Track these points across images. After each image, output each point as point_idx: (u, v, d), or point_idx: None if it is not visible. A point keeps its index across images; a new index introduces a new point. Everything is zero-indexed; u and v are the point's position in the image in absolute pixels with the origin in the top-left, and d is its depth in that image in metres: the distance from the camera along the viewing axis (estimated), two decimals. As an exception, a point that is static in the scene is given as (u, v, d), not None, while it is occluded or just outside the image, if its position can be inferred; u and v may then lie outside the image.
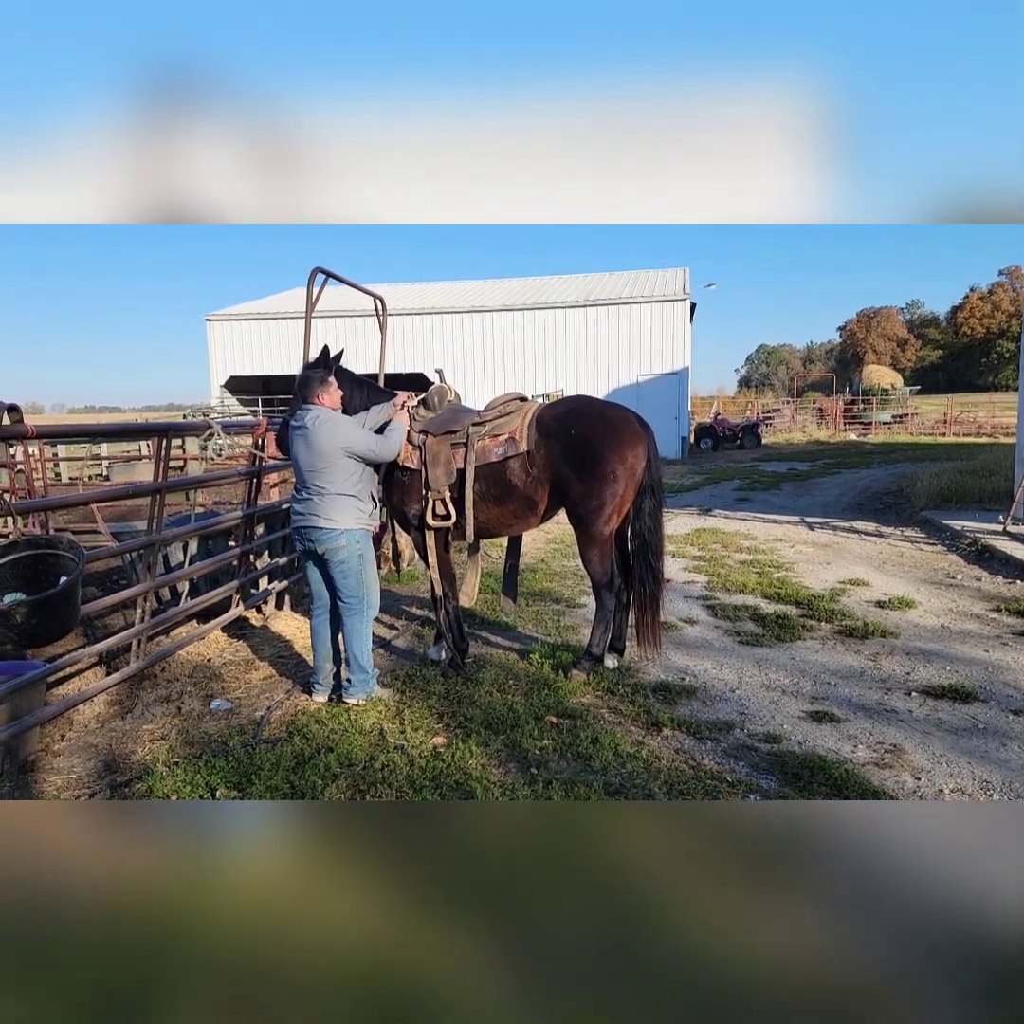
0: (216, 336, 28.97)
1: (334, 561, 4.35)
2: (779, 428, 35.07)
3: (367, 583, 4.47)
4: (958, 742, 3.97)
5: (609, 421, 4.65)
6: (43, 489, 9.95)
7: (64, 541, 3.45)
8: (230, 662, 5.37)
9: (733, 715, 4.33)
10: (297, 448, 4.33)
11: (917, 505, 11.59)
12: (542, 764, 3.74)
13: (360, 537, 4.39)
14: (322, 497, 4.28)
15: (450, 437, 4.77)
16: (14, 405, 3.31)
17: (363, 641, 4.48)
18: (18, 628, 3.13)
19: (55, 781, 3.73)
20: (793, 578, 7.57)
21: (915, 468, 16.39)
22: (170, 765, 3.79)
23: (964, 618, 6.16)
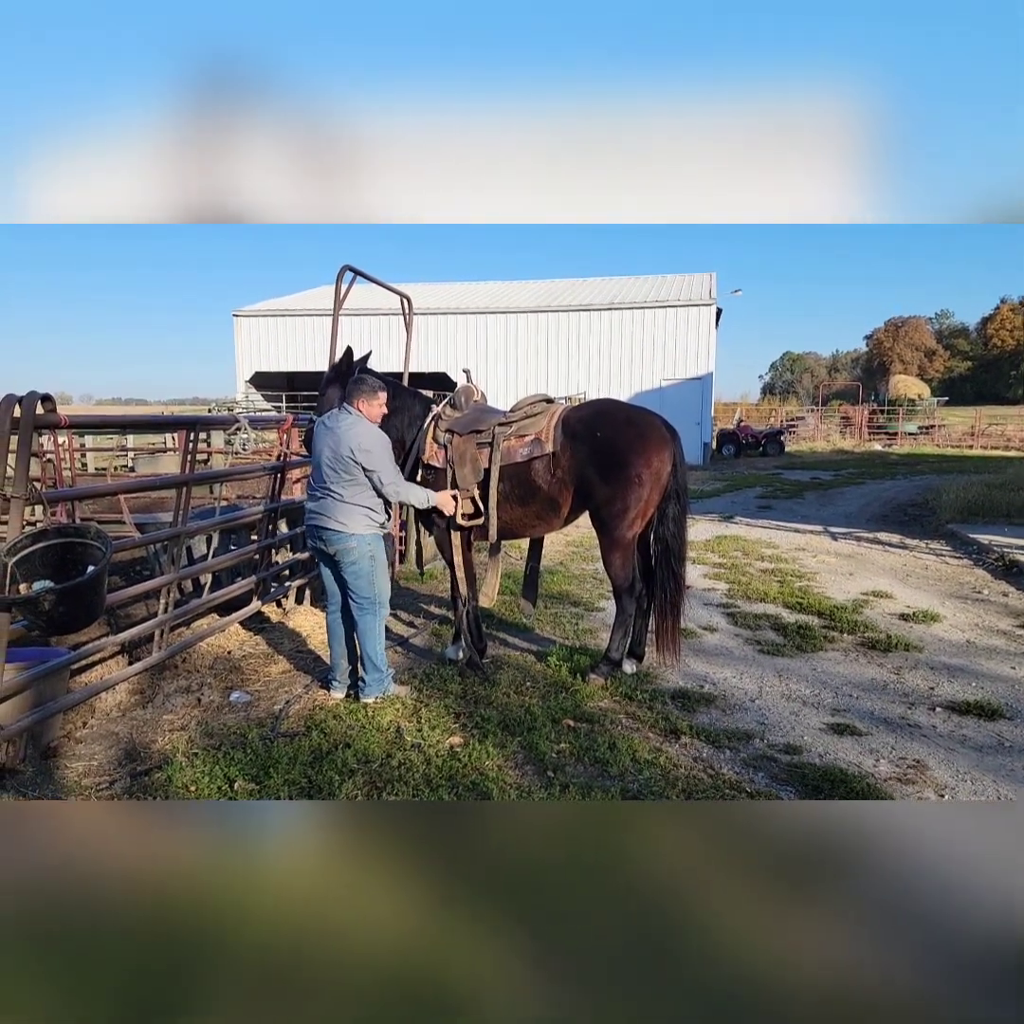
0: (243, 331, 29.20)
1: (345, 562, 4.35)
2: (803, 436, 34.78)
3: (378, 584, 4.46)
4: (983, 759, 3.91)
5: (636, 424, 4.63)
6: (71, 479, 10.07)
7: (92, 530, 3.48)
8: (250, 655, 5.40)
9: (753, 725, 4.29)
10: (321, 446, 4.33)
11: (943, 518, 11.44)
12: (559, 768, 3.72)
13: (371, 539, 4.38)
14: (335, 500, 4.29)
15: (476, 436, 4.77)
16: (48, 395, 3.35)
17: (376, 640, 4.47)
18: (45, 615, 3.17)
19: (76, 768, 3.77)
20: (815, 588, 7.50)
21: (941, 480, 16.17)
22: (189, 756, 3.81)
23: (990, 634, 6.06)
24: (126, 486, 4.83)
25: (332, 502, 4.30)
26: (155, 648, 4.67)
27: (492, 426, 4.75)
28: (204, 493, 9.10)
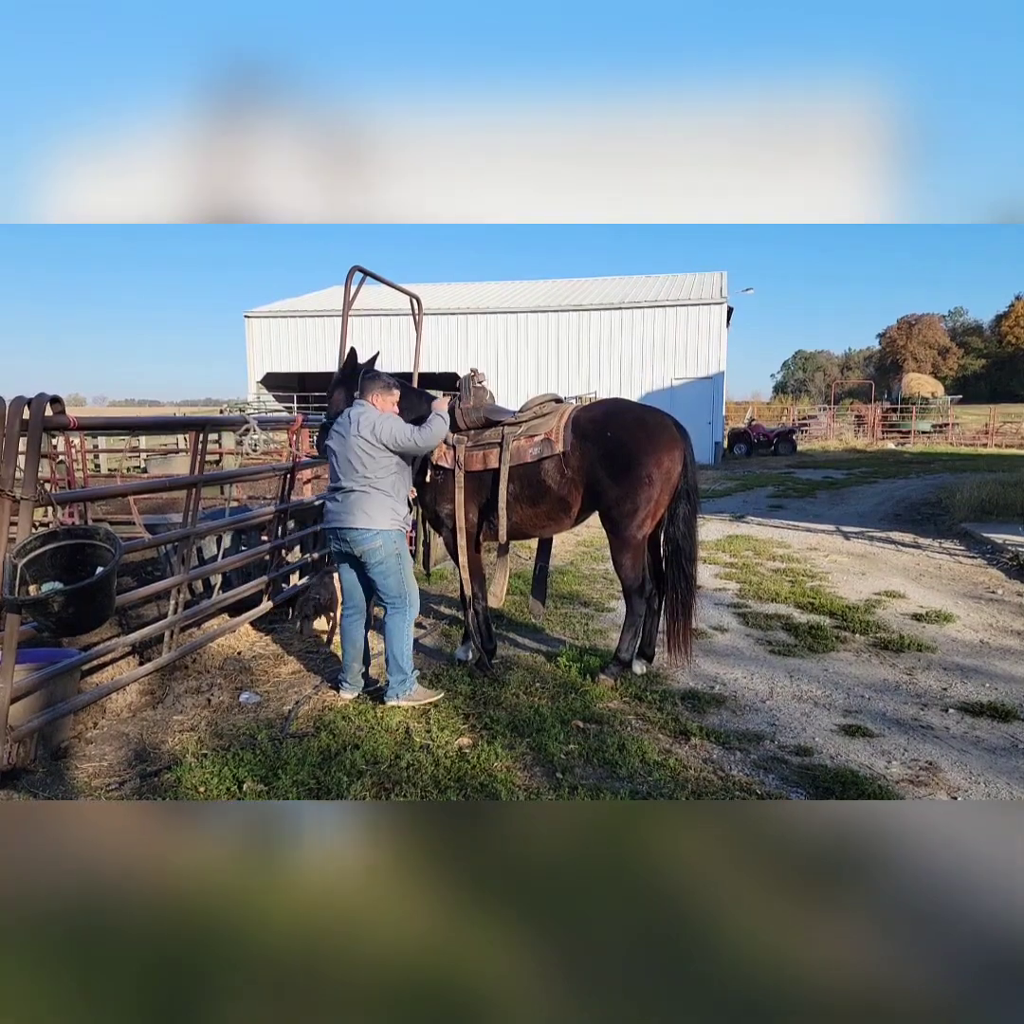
0: (254, 333, 29.35)
1: (372, 563, 4.33)
2: (815, 435, 34.59)
3: (407, 581, 4.44)
4: (996, 761, 3.86)
5: (646, 424, 4.61)
6: (83, 480, 10.14)
7: (102, 532, 3.49)
8: (260, 656, 5.41)
9: (763, 726, 4.26)
10: (335, 442, 4.34)
11: (956, 517, 11.35)
12: (567, 769, 3.71)
13: (396, 537, 4.36)
14: (358, 494, 4.27)
15: (485, 436, 4.77)
16: (57, 397, 3.36)
17: (404, 641, 4.43)
18: (55, 617, 3.18)
19: (87, 768, 3.78)
20: (827, 588, 7.45)
21: (954, 479, 16.04)
22: (199, 756, 3.82)
23: (1004, 634, 6.00)
24: (135, 487, 4.85)
25: (355, 496, 4.27)
26: (165, 649, 4.68)
27: (502, 426, 4.74)
28: (215, 494, 9.14)
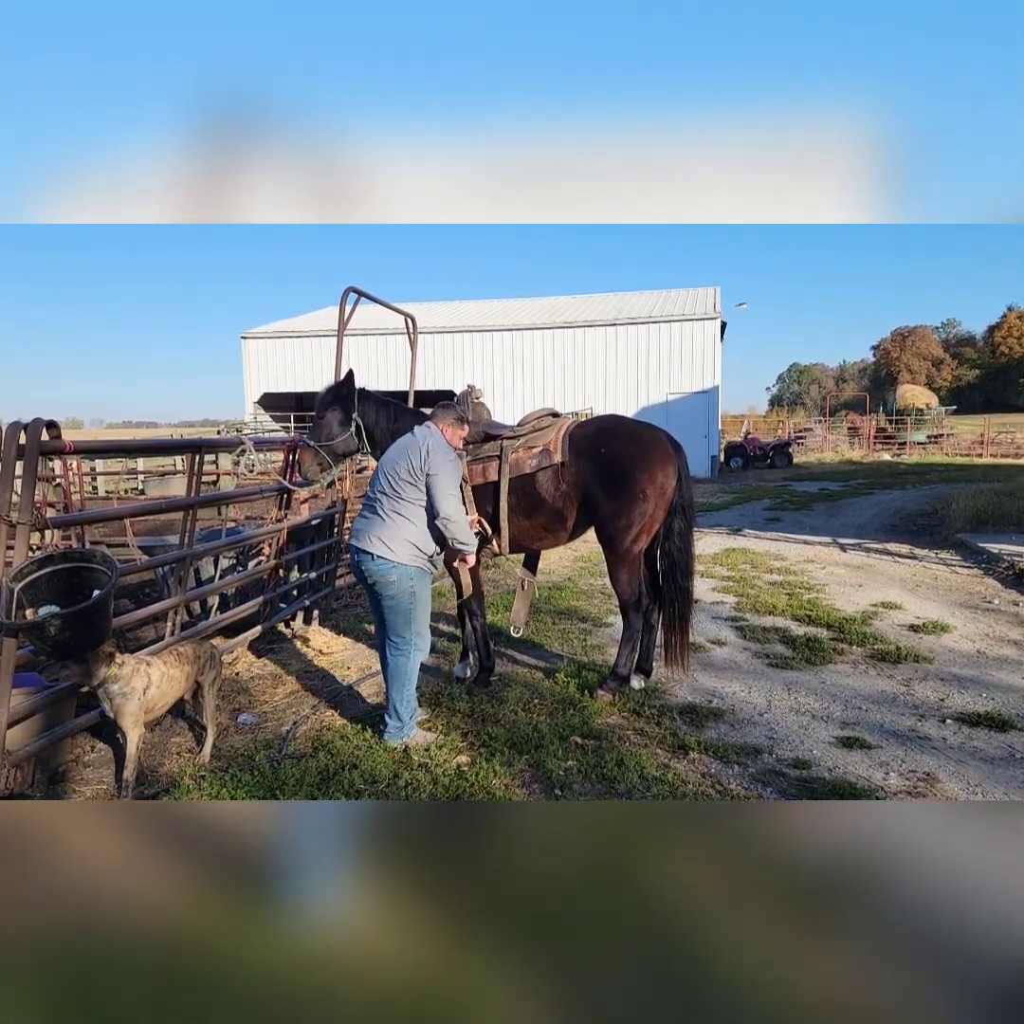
0: (251, 354, 29.48)
1: (384, 595, 4.06)
2: (811, 447, 34.72)
3: (415, 623, 4.12)
4: (994, 771, 3.86)
5: (639, 441, 4.64)
6: (80, 502, 10.15)
7: (98, 555, 3.50)
8: (257, 676, 5.41)
9: (761, 739, 4.26)
10: (387, 454, 4.20)
11: (952, 527, 11.37)
12: (566, 786, 3.70)
13: (414, 574, 4.06)
14: (382, 519, 4.03)
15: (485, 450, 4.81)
16: (52, 421, 3.39)
17: (404, 685, 4.13)
18: (52, 640, 3.18)
19: (84, 792, 3.77)
20: (824, 600, 7.46)
21: (950, 489, 16.10)
22: (196, 778, 3.81)
23: (1001, 644, 6.01)
24: (131, 510, 4.86)
25: (379, 521, 4.03)
26: (163, 670, 4.67)
27: (500, 439, 4.78)
28: (213, 515, 9.16)
